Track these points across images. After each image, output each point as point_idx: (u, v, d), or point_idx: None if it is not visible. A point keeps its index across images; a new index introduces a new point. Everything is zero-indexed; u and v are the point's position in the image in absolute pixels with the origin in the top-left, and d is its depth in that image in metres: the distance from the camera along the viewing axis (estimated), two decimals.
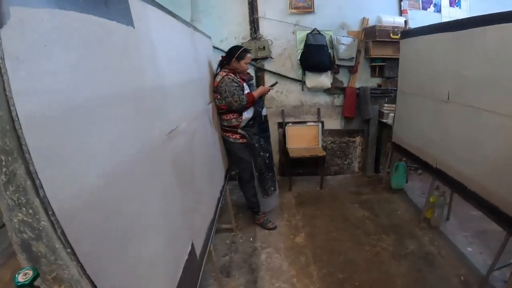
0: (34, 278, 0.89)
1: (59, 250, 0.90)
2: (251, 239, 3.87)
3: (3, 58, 0.77)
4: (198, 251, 2.04)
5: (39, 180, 0.83)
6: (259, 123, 3.76)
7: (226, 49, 3.95)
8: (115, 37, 1.29)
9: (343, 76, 5.35)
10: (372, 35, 4.94)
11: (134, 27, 1.46)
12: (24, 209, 0.89)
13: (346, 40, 5.04)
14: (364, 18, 5.13)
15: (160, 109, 1.75)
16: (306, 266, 3.35)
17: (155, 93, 1.68)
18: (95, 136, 1.08)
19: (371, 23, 5.10)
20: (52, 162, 0.88)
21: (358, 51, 5.19)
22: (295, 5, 5.01)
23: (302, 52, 5.05)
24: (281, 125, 5.39)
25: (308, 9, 5.04)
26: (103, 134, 1.13)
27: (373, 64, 5.27)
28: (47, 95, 0.90)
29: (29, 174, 0.82)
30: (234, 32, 5.07)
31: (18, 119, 0.79)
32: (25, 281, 0.88)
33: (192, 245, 1.95)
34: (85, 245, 0.95)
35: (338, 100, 5.43)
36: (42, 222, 0.87)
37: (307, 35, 4.98)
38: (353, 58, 5.14)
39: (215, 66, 3.78)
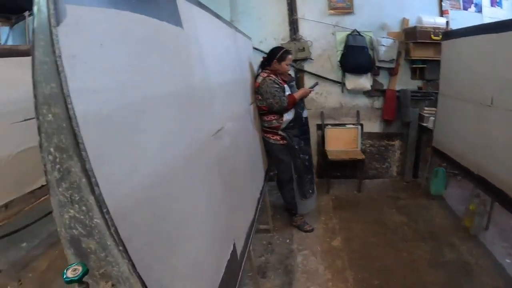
0: (84, 274, 0.90)
1: (110, 247, 0.90)
2: (288, 240, 3.86)
3: (60, 56, 0.78)
4: (238, 251, 2.04)
5: (95, 178, 0.83)
6: (300, 125, 3.75)
7: (266, 50, 3.95)
8: (166, 37, 1.31)
9: (383, 78, 5.26)
10: (412, 36, 4.83)
11: (182, 27, 1.48)
12: (76, 206, 0.89)
13: (386, 41, 4.94)
14: (404, 18, 5.03)
15: (208, 109, 1.76)
16: (342, 271, 3.31)
17: (203, 93, 1.70)
18: (147, 135, 1.09)
19: (411, 23, 4.98)
20: (107, 160, 0.89)
21: (399, 53, 5.08)
22: (334, 5, 4.97)
23: (342, 54, 5.00)
24: (320, 127, 5.35)
25: (348, 10, 4.99)
26: (155, 133, 1.15)
27: (413, 66, 5.14)
28: (103, 93, 0.91)
29: (84, 172, 0.83)
30: (273, 33, 5.07)
31: (76, 117, 0.79)
32: (74, 277, 0.88)
33: (234, 245, 1.95)
34: (135, 243, 0.95)
35: (378, 102, 5.33)
36: (95, 220, 0.88)
37: (347, 36, 4.94)
38: (393, 59, 5.04)
39: (255, 67, 3.79)
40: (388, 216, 4.35)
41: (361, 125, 5.30)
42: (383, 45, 4.93)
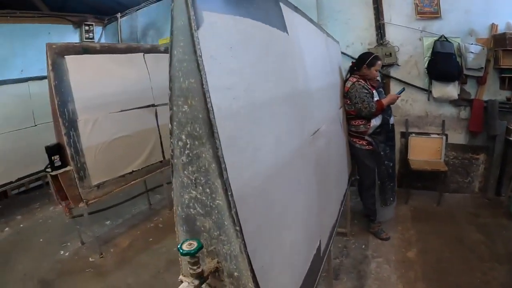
0: (199, 249, 1.02)
1: (227, 227, 1.01)
2: (363, 246, 3.85)
3: (201, 56, 0.90)
4: (322, 248, 2.09)
5: (225, 164, 0.94)
6: (386, 131, 3.72)
7: (352, 55, 3.96)
8: (277, 42, 1.43)
9: (470, 87, 4.96)
10: (502, 43, 4.51)
11: (288, 33, 1.58)
12: (200, 188, 1.01)
13: (475, 48, 4.67)
14: (493, 24, 4.69)
15: (308, 110, 1.85)
16: (414, 282, 3.24)
17: (304, 96, 1.80)
18: (264, 131, 1.21)
19: (500, 29, 4.65)
20: (234, 149, 1.00)
21: (487, 61, 4.77)
22: (421, 10, 4.81)
23: (429, 60, 4.84)
24: (404, 135, 5.22)
25: (435, 15, 4.80)
26: (270, 130, 1.26)
27: (502, 75, 4.75)
28: (233, 91, 1.03)
29: (215, 158, 0.94)
30: (360, 38, 5.05)
31: (213, 110, 0.91)
32: (190, 250, 1.01)
33: (320, 241, 2.02)
34: (249, 226, 1.05)
35: (464, 112, 5.07)
36: (217, 201, 0.99)
37: (435, 42, 4.77)
38: (482, 68, 4.74)
39: (343, 71, 3.83)
40: (466, 233, 4.15)
41: (446, 135, 5.11)
42: (472, 52, 4.67)
